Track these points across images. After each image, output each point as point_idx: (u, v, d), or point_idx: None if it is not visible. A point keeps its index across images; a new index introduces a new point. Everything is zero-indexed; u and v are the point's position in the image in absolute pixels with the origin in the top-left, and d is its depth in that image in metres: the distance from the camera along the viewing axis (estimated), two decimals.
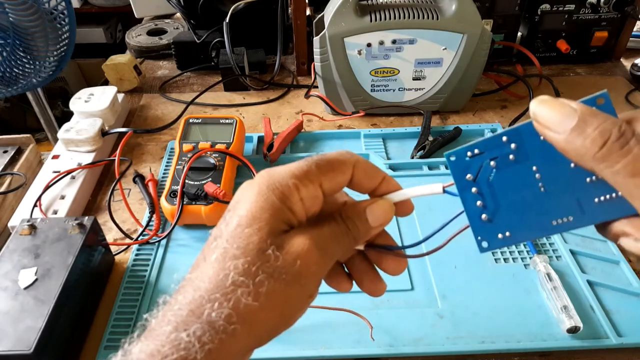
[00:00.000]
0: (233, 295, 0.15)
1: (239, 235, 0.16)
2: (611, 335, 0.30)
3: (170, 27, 0.69)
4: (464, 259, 0.35)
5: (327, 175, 0.18)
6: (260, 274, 0.15)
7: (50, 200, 0.40)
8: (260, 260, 0.16)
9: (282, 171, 0.17)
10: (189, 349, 0.14)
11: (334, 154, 0.18)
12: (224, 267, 0.15)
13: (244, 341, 0.15)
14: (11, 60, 0.46)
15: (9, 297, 0.28)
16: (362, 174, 0.18)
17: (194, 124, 0.44)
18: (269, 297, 0.15)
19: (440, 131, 0.48)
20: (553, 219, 0.17)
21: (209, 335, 0.14)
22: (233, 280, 0.15)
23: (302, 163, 0.17)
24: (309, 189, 0.17)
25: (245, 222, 0.16)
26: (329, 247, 0.17)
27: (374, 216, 0.18)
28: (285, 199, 0.16)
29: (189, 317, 0.15)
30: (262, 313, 0.15)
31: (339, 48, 0.46)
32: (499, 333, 0.30)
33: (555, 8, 0.54)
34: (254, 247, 0.16)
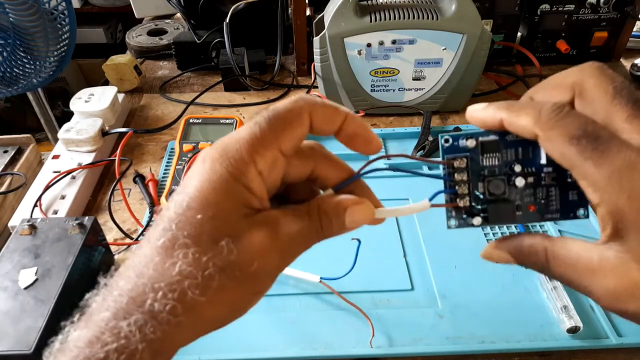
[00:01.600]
0: (179, 286, 0.14)
1: (189, 221, 0.14)
2: (611, 335, 0.30)
3: (170, 27, 0.69)
4: (464, 259, 0.35)
5: (283, 134, 0.15)
6: (210, 267, 0.14)
7: (50, 200, 0.40)
8: (212, 252, 0.14)
9: (234, 140, 0.15)
10: (129, 338, 0.13)
11: (286, 104, 0.16)
12: (171, 255, 0.14)
13: (189, 332, 0.14)
14: (11, 61, 0.46)
15: (9, 297, 0.28)
16: (321, 119, 0.16)
17: (194, 124, 0.44)
18: (218, 292, 0.14)
19: (440, 131, 0.48)
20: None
21: (150, 326, 0.13)
22: (180, 270, 0.14)
23: (253, 127, 0.15)
24: (266, 157, 0.15)
25: (197, 206, 0.14)
26: (294, 250, 0.16)
27: (353, 219, 0.16)
28: (241, 176, 0.15)
29: (130, 305, 0.14)
30: (209, 307, 0.14)
31: (339, 48, 0.46)
32: (499, 333, 0.30)
33: (555, 8, 0.54)
34: (207, 237, 0.14)
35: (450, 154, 0.18)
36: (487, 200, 0.17)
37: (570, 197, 0.17)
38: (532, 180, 0.17)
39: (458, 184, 0.18)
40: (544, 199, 0.17)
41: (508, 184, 0.17)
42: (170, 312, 0.14)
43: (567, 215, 0.17)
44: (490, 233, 0.38)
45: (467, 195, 0.18)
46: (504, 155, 0.17)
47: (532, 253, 0.16)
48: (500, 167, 0.17)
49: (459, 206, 0.18)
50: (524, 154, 0.17)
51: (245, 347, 0.30)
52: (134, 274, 0.14)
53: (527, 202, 0.17)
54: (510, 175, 0.17)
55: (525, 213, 0.17)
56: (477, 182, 0.17)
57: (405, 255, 0.36)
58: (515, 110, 0.16)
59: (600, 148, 0.14)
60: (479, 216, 0.18)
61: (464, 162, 0.17)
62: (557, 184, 0.17)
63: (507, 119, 0.16)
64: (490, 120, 0.17)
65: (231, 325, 0.32)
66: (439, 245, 0.36)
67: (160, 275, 0.14)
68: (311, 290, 0.33)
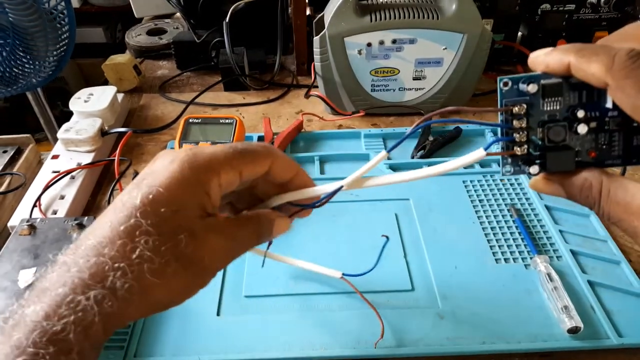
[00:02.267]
0: (138, 268, 0.15)
1: (154, 212, 0.16)
2: (612, 336, 0.30)
3: (170, 26, 0.69)
4: (464, 259, 0.35)
5: (248, 165, 0.18)
6: (167, 255, 0.16)
7: (49, 200, 0.40)
8: (171, 242, 0.16)
9: (207, 154, 0.17)
10: (87, 311, 0.14)
11: (257, 145, 0.19)
12: (133, 239, 0.16)
13: (138, 309, 0.16)
14: (11, 60, 0.46)
15: (8, 297, 0.28)
16: (280, 168, 0.20)
17: (194, 123, 0.44)
18: (170, 279, 0.16)
19: (441, 131, 0.48)
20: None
21: (109, 300, 0.15)
22: (141, 254, 0.15)
23: (227, 148, 0.18)
24: (229, 175, 0.18)
25: (163, 200, 0.16)
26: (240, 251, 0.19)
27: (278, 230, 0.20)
28: (206, 183, 0.17)
29: (90, 280, 0.15)
30: (160, 290, 0.16)
31: (339, 48, 0.46)
32: (499, 333, 0.30)
33: (556, 8, 0.54)
34: (168, 229, 0.16)
35: (509, 99, 0.16)
36: (546, 147, 0.16)
37: (634, 143, 0.16)
38: (595, 125, 0.16)
39: (516, 131, 0.17)
40: (606, 145, 0.16)
41: (569, 130, 0.16)
42: (127, 289, 0.15)
43: (629, 161, 0.17)
44: (491, 233, 0.37)
45: (526, 142, 0.17)
46: (566, 99, 0.16)
47: (587, 187, 0.16)
48: (562, 112, 0.16)
49: (515, 154, 0.17)
50: (588, 98, 0.16)
51: (245, 347, 0.30)
52: (93, 254, 0.15)
53: (587, 147, 0.16)
54: (572, 120, 0.16)
55: (585, 158, 0.17)
56: (537, 127, 0.16)
57: (405, 255, 0.36)
58: (586, 55, 0.15)
59: None
60: (535, 164, 0.17)
61: (524, 108, 0.16)
62: (621, 129, 0.16)
63: (575, 64, 0.15)
64: (555, 64, 0.16)
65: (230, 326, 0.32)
66: (440, 245, 0.36)
67: (121, 257, 0.15)
68: (311, 291, 0.33)
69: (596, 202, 0.16)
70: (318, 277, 0.34)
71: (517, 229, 0.38)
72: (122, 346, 0.30)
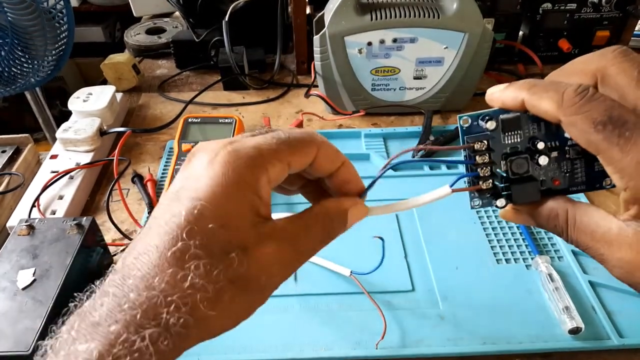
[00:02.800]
0: (191, 299, 0.14)
1: (201, 230, 0.14)
2: (613, 336, 0.30)
3: (169, 25, 0.68)
4: (465, 259, 0.35)
5: (295, 155, 0.16)
6: (221, 280, 0.14)
7: (48, 200, 0.40)
8: (224, 264, 0.14)
9: (250, 148, 0.15)
10: (142, 351, 0.13)
11: (301, 132, 0.17)
12: (183, 266, 0.14)
13: (195, 342, 0.15)
14: (9, 60, 0.45)
15: (7, 297, 0.28)
16: (325, 157, 0.17)
17: (193, 123, 0.44)
18: (227, 306, 0.14)
19: (442, 131, 0.48)
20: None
21: (164, 339, 0.13)
22: (192, 282, 0.14)
23: (270, 139, 0.15)
24: (276, 169, 0.15)
25: (210, 214, 0.14)
26: (306, 256, 0.16)
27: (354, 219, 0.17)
28: (254, 183, 0.14)
29: (142, 319, 0.13)
30: (218, 321, 0.15)
31: (339, 47, 0.46)
32: (500, 334, 0.30)
33: (557, 7, 0.54)
34: (218, 248, 0.14)
35: (470, 136, 0.17)
36: (510, 179, 0.17)
37: (596, 168, 0.17)
38: (557, 154, 0.17)
39: (480, 167, 0.17)
40: (569, 172, 0.17)
41: (531, 161, 0.17)
42: (182, 325, 0.14)
43: (593, 186, 0.17)
44: (492, 234, 0.37)
45: (490, 177, 0.17)
46: (526, 131, 0.16)
47: (553, 216, 0.16)
48: (523, 144, 0.17)
49: (482, 189, 0.17)
50: (547, 129, 0.16)
51: (244, 348, 0.30)
52: (143, 287, 0.14)
53: (551, 176, 0.17)
54: (533, 151, 0.17)
55: (550, 187, 0.17)
56: (500, 161, 0.17)
57: (406, 256, 0.36)
58: (537, 92, 0.15)
59: (627, 134, 0.13)
60: (502, 197, 0.17)
61: (485, 145, 0.17)
62: (582, 156, 0.17)
63: (528, 101, 0.15)
64: (510, 101, 0.16)
65: None
66: (440, 246, 0.36)
67: (172, 288, 0.14)
68: (311, 292, 0.33)
69: (564, 231, 0.16)
70: (318, 278, 0.34)
71: (518, 229, 0.37)
72: None
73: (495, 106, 0.17)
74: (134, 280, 0.14)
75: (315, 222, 0.16)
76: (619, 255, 0.15)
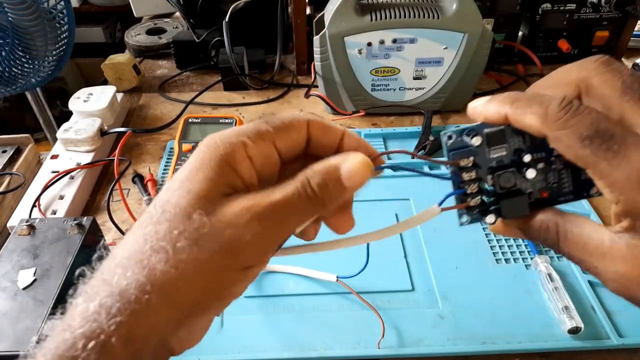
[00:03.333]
0: (148, 262, 0.13)
1: (166, 199, 0.14)
2: (612, 336, 0.30)
3: (169, 26, 0.68)
4: (465, 259, 0.35)
5: (280, 132, 0.15)
6: (181, 240, 0.13)
7: (49, 200, 0.40)
8: (184, 226, 0.13)
9: (230, 130, 0.15)
10: (99, 320, 0.12)
11: (287, 114, 0.17)
12: (143, 232, 0.14)
13: (163, 313, 0.13)
14: (10, 60, 0.45)
15: (8, 297, 0.28)
16: (319, 130, 0.16)
17: (194, 123, 0.44)
18: (189, 265, 0.13)
19: (441, 131, 0.48)
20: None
21: (119, 305, 0.13)
22: (151, 245, 0.13)
23: (252, 123, 0.16)
24: (258, 145, 0.15)
25: (177, 185, 0.14)
26: (276, 216, 0.14)
27: (350, 173, 0.15)
28: (228, 157, 0.14)
29: (101, 286, 0.13)
30: (181, 283, 0.13)
31: (339, 47, 0.46)
32: (500, 334, 0.30)
33: (557, 7, 0.54)
34: (180, 211, 0.14)
35: (455, 152, 0.17)
36: (498, 193, 0.17)
37: (582, 177, 0.17)
38: (543, 166, 0.16)
39: (467, 183, 0.17)
40: (556, 183, 0.17)
41: (519, 175, 0.16)
42: (138, 289, 0.13)
43: (580, 195, 0.17)
44: (491, 233, 0.37)
45: (478, 193, 0.17)
46: (511, 144, 0.16)
47: (544, 229, 0.16)
48: (509, 157, 0.16)
49: (470, 206, 0.17)
50: (532, 140, 0.16)
51: (244, 348, 0.30)
52: (109, 257, 0.14)
53: (539, 187, 0.17)
54: (519, 164, 0.16)
55: (539, 200, 0.17)
56: (486, 175, 0.17)
57: (405, 255, 0.36)
58: (521, 107, 0.15)
59: (615, 147, 0.13)
60: (491, 213, 0.17)
61: (471, 161, 0.16)
62: (568, 166, 0.16)
63: (512, 116, 0.15)
64: (493, 116, 0.16)
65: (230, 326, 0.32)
66: (440, 245, 0.36)
67: (130, 253, 0.13)
68: (310, 292, 0.33)
69: (555, 244, 0.16)
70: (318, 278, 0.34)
71: None
72: None
73: (478, 120, 0.16)
74: (108, 257, 0.14)
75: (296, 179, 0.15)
76: (613, 268, 0.14)
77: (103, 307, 0.13)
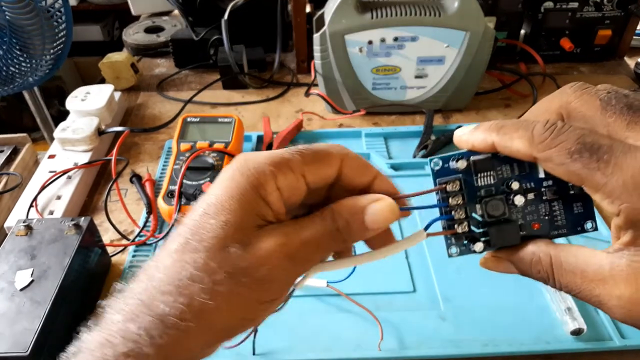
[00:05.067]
0: (187, 290, 0.14)
1: (202, 226, 0.15)
2: (615, 337, 0.30)
3: (168, 24, 0.68)
4: (466, 260, 0.35)
5: (311, 165, 0.16)
6: (219, 272, 0.14)
7: (46, 200, 0.39)
8: (222, 257, 0.14)
9: (259, 156, 0.15)
10: (138, 341, 0.13)
11: (321, 144, 0.16)
12: (182, 258, 0.14)
13: (199, 339, 0.14)
14: (7, 59, 0.45)
15: (5, 298, 0.28)
16: (351, 169, 0.16)
17: (192, 122, 0.44)
18: (226, 298, 0.14)
19: (443, 130, 0.47)
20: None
21: (158, 330, 0.13)
22: (190, 274, 0.14)
23: (283, 150, 0.16)
24: (288, 177, 0.15)
25: (212, 211, 0.15)
26: (306, 255, 0.15)
27: (375, 219, 0.16)
28: (259, 186, 0.15)
29: (140, 307, 0.14)
30: (217, 313, 0.14)
31: (339, 45, 0.45)
32: (502, 336, 0.30)
33: (559, 6, 0.54)
34: (217, 241, 0.14)
35: (441, 178, 0.17)
36: (487, 222, 0.16)
37: (575, 210, 0.16)
38: (533, 197, 0.16)
39: (454, 209, 0.17)
40: (548, 215, 0.16)
41: (507, 203, 0.16)
42: (178, 316, 0.14)
43: (574, 230, 0.16)
44: None
45: (465, 219, 0.17)
46: (499, 172, 0.16)
47: (536, 262, 0.16)
48: (497, 186, 0.16)
49: (457, 232, 0.17)
50: (520, 169, 0.16)
51: (243, 348, 0.29)
52: (146, 278, 0.14)
53: (530, 220, 0.16)
54: (508, 193, 0.16)
55: (530, 231, 0.16)
56: (474, 204, 0.16)
57: (407, 257, 0.35)
58: (507, 133, 0.15)
59: (605, 157, 0.13)
60: (480, 241, 0.17)
61: (457, 185, 0.16)
62: (559, 197, 0.16)
63: (499, 143, 0.15)
64: (480, 144, 0.16)
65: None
66: (442, 246, 0.36)
67: (169, 279, 0.14)
68: (311, 293, 0.33)
69: (549, 276, 0.15)
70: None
71: None
72: None
73: (465, 148, 0.16)
74: (140, 274, 0.15)
75: (315, 218, 0.16)
76: (617, 293, 0.13)
77: (144, 330, 0.13)
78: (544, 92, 0.54)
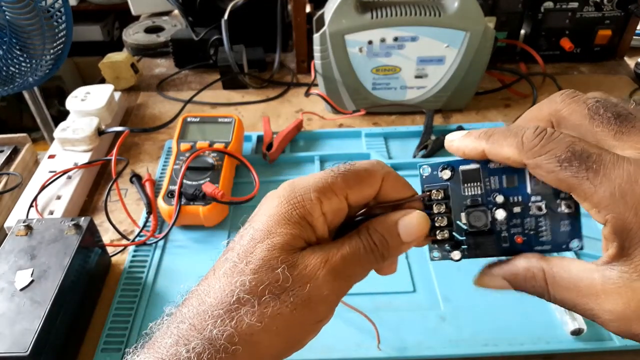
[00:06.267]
0: (236, 313, 0.14)
1: (250, 250, 0.15)
2: (615, 337, 0.30)
3: (168, 24, 0.68)
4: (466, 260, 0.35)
5: (354, 188, 0.16)
6: (266, 295, 0.15)
7: (46, 200, 0.39)
8: (269, 279, 0.15)
9: (305, 183, 0.16)
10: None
11: (363, 164, 0.17)
12: (230, 282, 0.15)
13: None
14: (7, 59, 0.45)
15: (6, 298, 0.28)
16: (391, 188, 0.17)
17: (192, 122, 0.44)
18: (273, 319, 0.14)
19: (443, 130, 0.47)
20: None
21: (208, 353, 0.14)
22: (238, 297, 0.15)
23: (327, 174, 0.16)
24: (332, 202, 0.16)
25: (259, 236, 0.15)
26: (348, 270, 0.16)
27: (408, 231, 0.16)
28: (306, 214, 0.16)
29: (191, 331, 0.14)
30: (265, 336, 0.14)
31: (339, 45, 0.45)
32: (502, 336, 0.30)
33: (559, 6, 0.54)
34: (264, 264, 0.15)
35: (429, 185, 0.17)
36: (470, 232, 0.17)
37: (561, 228, 0.16)
38: (520, 210, 0.16)
39: (436, 216, 0.17)
40: (533, 230, 0.16)
41: (490, 215, 0.16)
42: (227, 339, 0.14)
43: (559, 247, 0.16)
44: None
45: (447, 227, 0.17)
46: (487, 184, 0.16)
47: (530, 277, 0.16)
48: (484, 197, 0.16)
49: (437, 239, 0.17)
50: (508, 182, 0.16)
51: None
52: (197, 302, 0.15)
53: (514, 233, 0.16)
54: (493, 204, 0.16)
55: (513, 245, 0.16)
56: (460, 212, 0.16)
57: (407, 257, 0.35)
58: (497, 140, 0.15)
59: (595, 166, 0.13)
60: (458, 250, 0.17)
61: (441, 194, 0.17)
62: (546, 213, 0.16)
63: (489, 150, 0.15)
64: (470, 151, 0.16)
65: None
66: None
67: (219, 303, 0.15)
68: None
69: (545, 291, 0.15)
70: None
71: None
72: (119, 348, 0.29)
73: (456, 155, 0.17)
74: (190, 298, 0.15)
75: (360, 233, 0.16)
76: (609, 307, 0.13)
77: (195, 353, 0.14)
78: (544, 92, 0.54)
